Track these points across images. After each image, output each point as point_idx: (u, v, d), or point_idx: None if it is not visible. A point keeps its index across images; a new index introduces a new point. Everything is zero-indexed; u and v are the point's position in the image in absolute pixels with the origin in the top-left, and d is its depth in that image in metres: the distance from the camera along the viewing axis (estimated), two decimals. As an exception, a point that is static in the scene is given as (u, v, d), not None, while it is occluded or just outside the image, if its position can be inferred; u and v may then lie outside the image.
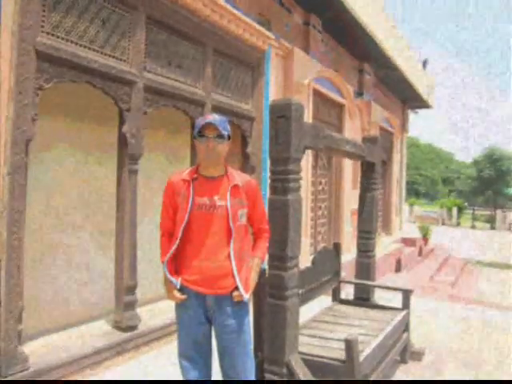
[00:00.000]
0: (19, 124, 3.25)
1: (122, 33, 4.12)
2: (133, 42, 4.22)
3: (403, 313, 4.34)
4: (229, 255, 2.46)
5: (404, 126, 15.16)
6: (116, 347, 4.00)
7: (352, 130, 9.60)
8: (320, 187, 8.87)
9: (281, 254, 3.00)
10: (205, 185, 2.51)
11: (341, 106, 9.27)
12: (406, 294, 4.52)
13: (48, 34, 3.48)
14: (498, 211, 32.47)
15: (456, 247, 17.30)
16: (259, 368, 3.02)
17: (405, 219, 16.41)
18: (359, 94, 10.58)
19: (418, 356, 4.52)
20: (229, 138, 2.55)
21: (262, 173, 6.14)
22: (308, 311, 4.05)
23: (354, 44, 9.51)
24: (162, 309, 4.87)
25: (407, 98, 14.62)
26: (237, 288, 2.46)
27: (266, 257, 2.86)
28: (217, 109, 5.15)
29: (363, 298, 4.68)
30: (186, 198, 2.48)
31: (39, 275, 4.30)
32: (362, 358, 3.13)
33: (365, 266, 4.76)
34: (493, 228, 29.94)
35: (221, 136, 2.46)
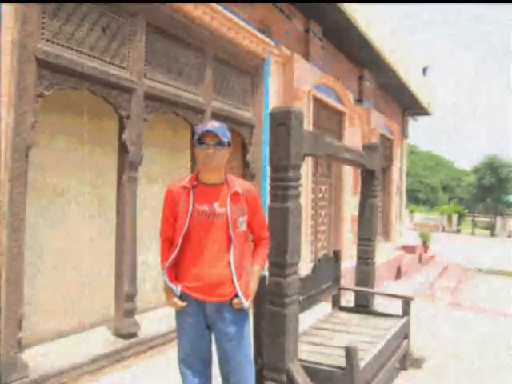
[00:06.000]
0: (19, 131, 3.26)
1: (122, 40, 4.14)
2: (133, 49, 4.23)
3: (403, 320, 4.32)
4: (229, 262, 2.45)
5: (404, 133, 15.18)
6: (115, 354, 3.99)
7: (352, 137, 9.61)
8: (320, 194, 8.87)
9: (281, 261, 3.00)
10: (205, 192, 2.51)
11: (341, 113, 9.29)
12: (406, 301, 4.52)
13: (48, 41, 3.49)
14: (498, 218, 32.51)
15: (456, 254, 17.27)
16: (259, 375, 3.00)
17: (405, 226, 16.38)
18: (359, 101, 10.59)
19: (418, 363, 4.50)
20: (229, 145, 2.54)
21: (262, 180, 6.14)
22: (308, 318, 4.04)
23: (354, 51, 9.54)
24: (161, 316, 4.85)
25: (407, 105, 14.65)
26: (237, 295, 2.46)
27: (266, 264, 2.86)
28: (217, 116, 5.15)
29: (363, 305, 4.67)
30: (185, 205, 2.48)
31: (39, 282, 4.28)
32: (362, 366, 3.12)
33: (365, 272, 4.75)
34: (493, 235, 29.94)
35: (221, 143, 2.46)
